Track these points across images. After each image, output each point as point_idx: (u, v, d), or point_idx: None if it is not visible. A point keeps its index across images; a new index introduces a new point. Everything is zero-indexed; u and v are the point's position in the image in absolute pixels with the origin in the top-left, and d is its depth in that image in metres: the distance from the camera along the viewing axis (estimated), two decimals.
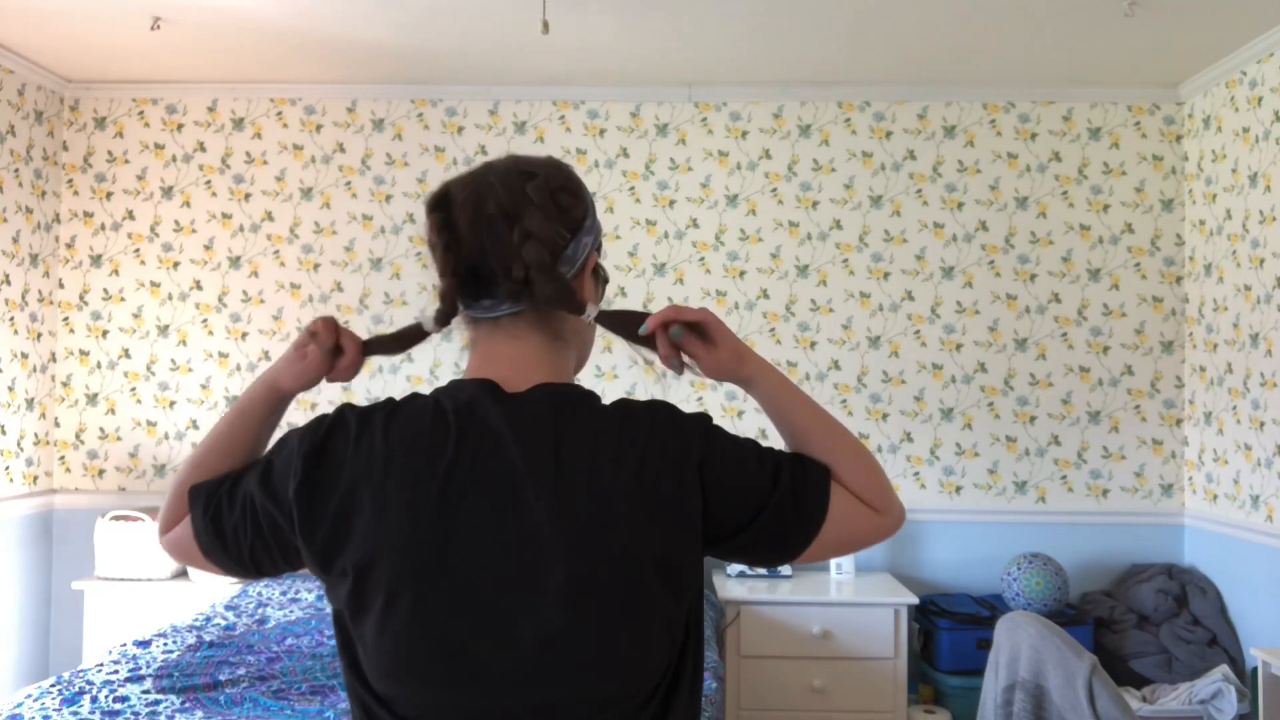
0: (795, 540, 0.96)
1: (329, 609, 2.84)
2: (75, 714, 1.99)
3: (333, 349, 1.02)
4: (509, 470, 0.90)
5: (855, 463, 1.00)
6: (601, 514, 0.88)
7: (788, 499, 0.96)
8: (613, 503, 0.89)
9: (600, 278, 1.05)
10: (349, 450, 0.92)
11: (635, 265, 3.63)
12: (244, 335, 3.65)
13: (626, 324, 1.01)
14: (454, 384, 0.97)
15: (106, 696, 2.09)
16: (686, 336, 1.00)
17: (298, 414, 3.58)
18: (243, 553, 0.97)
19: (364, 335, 3.74)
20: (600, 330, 1.05)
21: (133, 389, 3.65)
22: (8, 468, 3.38)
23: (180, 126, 3.69)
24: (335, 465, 0.92)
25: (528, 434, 0.91)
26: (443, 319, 0.98)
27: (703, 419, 0.97)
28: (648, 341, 1.01)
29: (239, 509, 0.97)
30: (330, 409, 1.04)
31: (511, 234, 0.94)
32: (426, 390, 0.99)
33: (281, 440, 0.98)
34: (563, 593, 0.87)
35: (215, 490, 0.99)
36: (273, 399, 1.04)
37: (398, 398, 0.97)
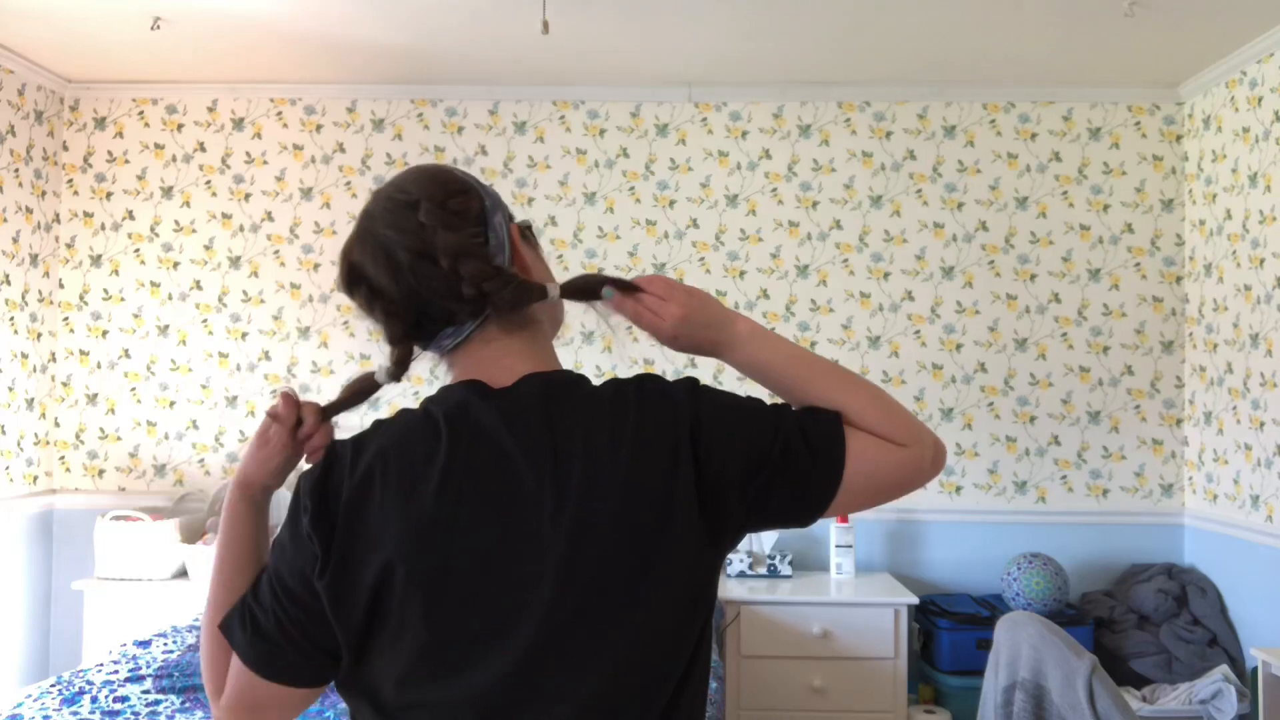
0: (819, 487, 0.91)
1: None
2: (75, 714, 1.99)
3: (295, 426, 0.99)
4: (506, 466, 0.89)
5: (866, 400, 0.94)
6: (602, 501, 0.87)
7: (797, 443, 0.91)
8: (613, 488, 0.88)
9: (529, 238, 1.03)
10: (346, 476, 0.91)
11: (635, 265, 3.63)
12: (244, 335, 3.65)
13: (589, 289, 1.00)
14: (442, 390, 0.96)
15: (106, 696, 2.09)
16: (633, 303, 0.98)
17: None
18: (294, 640, 0.91)
19: (365, 336, 3.74)
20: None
21: (133, 389, 3.65)
22: (8, 468, 3.38)
23: (180, 126, 3.69)
24: (337, 494, 0.91)
25: (521, 427, 0.90)
26: (397, 374, 0.97)
27: (689, 381, 0.94)
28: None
29: (270, 599, 0.92)
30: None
31: (439, 267, 0.92)
32: (429, 390, 0.99)
33: (288, 514, 0.95)
34: (566, 586, 0.86)
35: (241, 608, 0.94)
36: (249, 499, 1.00)
37: (384, 417, 0.97)
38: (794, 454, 0.91)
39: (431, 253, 0.92)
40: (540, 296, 0.95)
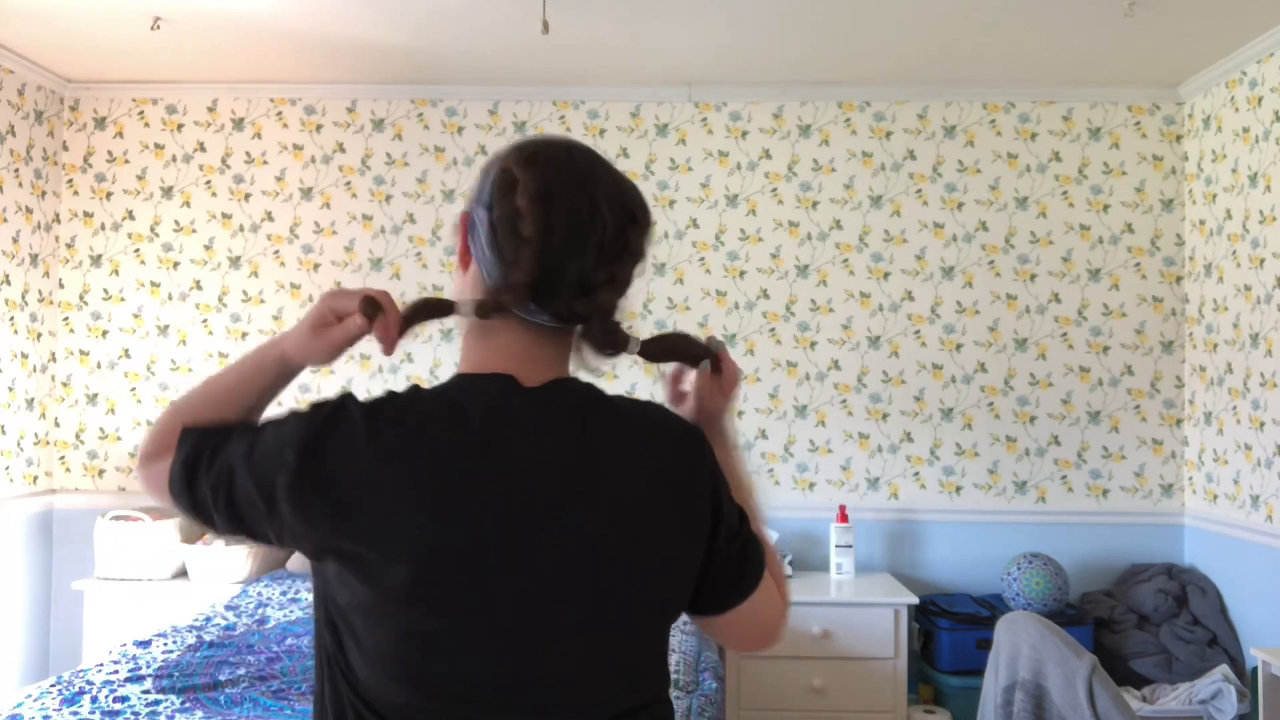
0: (736, 588, 0.98)
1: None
2: (75, 714, 1.99)
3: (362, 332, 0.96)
4: (535, 474, 0.87)
5: (772, 549, 1.03)
6: (626, 520, 0.89)
7: (748, 542, 0.99)
8: (638, 512, 0.90)
9: None
10: (355, 446, 0.86)
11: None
12: (244, 335, 3.65)
13: (673, 353, 1.05)
14: (465, 380, 0.92)
15: (106, 696, 2.09)
16: (711, 376, 1.06)
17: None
18: (213, 517, 0.93)
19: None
20: None
21: (133, 389, 3.65)
22: (8, 468, 3.38)
23: (180, 126, 3.69)
24: (338, 463, 0.86)
25: (556, 435, 0.89)
26: (485, 314, 0.91)
27: (701, 432, 0.99)
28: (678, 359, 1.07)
29: (215, 476, 0.91)
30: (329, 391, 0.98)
31: (597, 273, 0.91)
32: (429, 381, 0.97)
33: (277, 421, 0.91)
34: (581, 603, 0.87)
35: (201, 444, 0.93)
36: (282, 370, 0.98)
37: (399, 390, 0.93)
38: (742, 554, 0.98)
39: (609, 262, 0.92)
40: (617, 354, 0.96)
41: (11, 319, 3.39)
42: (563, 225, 0.90)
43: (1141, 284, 3.58)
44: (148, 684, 2.18)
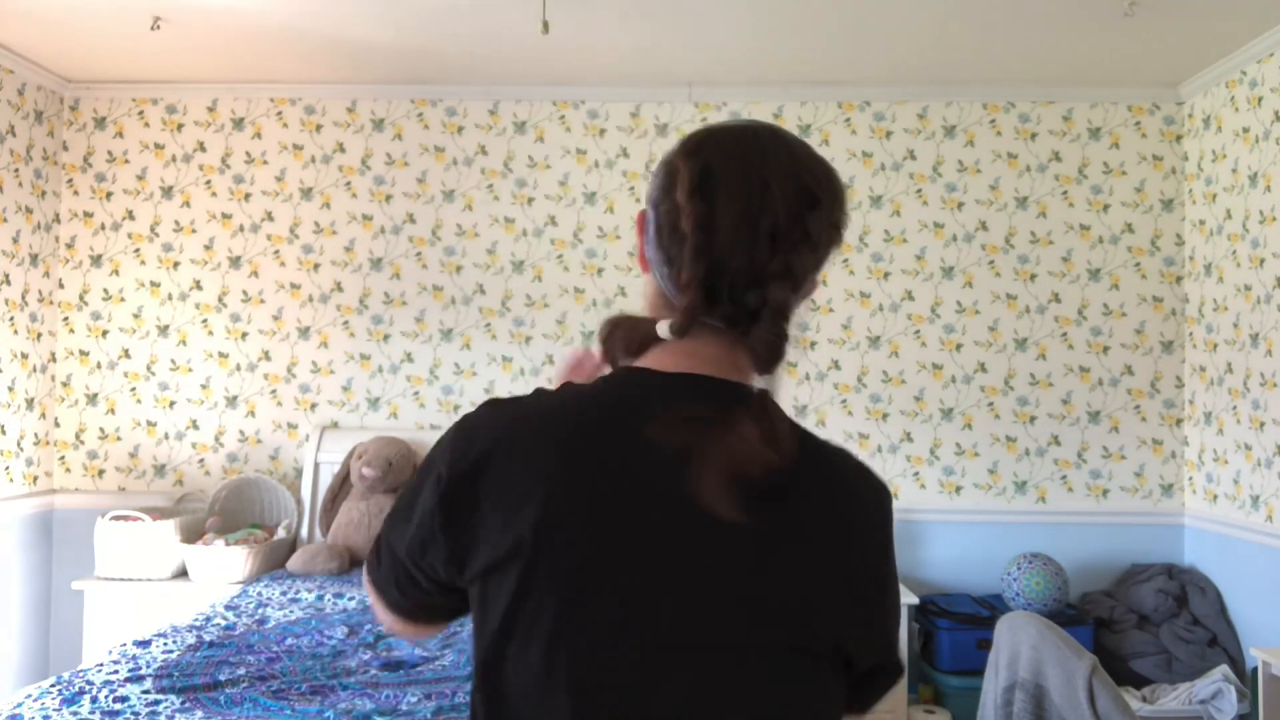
0: None
1: (329, 609, 2.84)
2: (75, 714, 1.99)
3: None
4: None
5: None
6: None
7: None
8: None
9: None
10: None
11: (636, 266, 3.63)
12: (244, 335, 3.65)
13: None
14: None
15: (106, 696, 2.09)
16: None
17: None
18: None
19: (365, 336, 3.73)
20: None
21: (133, 389, 3.65)
22: (8, 468, 3.38)
23: (180, 126, 3.69)
24: None
25: None
26: (681, 331, 0.82)
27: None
28: None
29: None
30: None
31: (771, 261, 0.81)
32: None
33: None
34: None
35: None
36: None
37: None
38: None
39: (784, 252, 0.81)
40: (772, 366, 0.85)
41: (11, 319, 3.39)
42: (729, 215, 0.81)
43: (1141, 284, 3.58)
44: (148, 684, 2.18)
